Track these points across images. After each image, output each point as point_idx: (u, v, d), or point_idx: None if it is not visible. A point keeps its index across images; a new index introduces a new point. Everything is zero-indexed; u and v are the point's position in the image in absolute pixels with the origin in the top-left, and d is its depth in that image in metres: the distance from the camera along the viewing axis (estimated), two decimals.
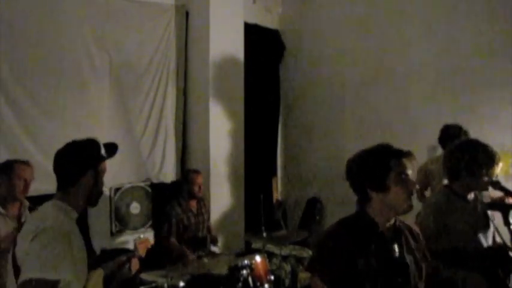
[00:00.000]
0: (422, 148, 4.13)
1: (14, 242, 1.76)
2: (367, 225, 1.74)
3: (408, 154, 1.75)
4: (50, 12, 3.88)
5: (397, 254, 1.73)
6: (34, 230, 1.67)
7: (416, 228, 1.91)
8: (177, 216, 3.93)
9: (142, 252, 2.37)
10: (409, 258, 1.77)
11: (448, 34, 4.25)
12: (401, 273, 1.72)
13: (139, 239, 2.44)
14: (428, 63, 4.41)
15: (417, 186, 1.79)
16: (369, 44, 4.87)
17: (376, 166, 1.71)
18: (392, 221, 1.78)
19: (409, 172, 1.72)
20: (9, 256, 1.75)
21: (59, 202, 1.82)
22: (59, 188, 1.86)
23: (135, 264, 2.21)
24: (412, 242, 1.84)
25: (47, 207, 1.81)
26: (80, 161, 1.87)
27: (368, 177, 1.73)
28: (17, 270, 1.68)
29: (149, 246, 2.51)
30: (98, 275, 1.88)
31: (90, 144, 1.93)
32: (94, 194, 1.90)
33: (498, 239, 2.40)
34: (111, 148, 1.99)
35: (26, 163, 2.99)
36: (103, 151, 1.93)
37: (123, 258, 2.11)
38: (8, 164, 2.95)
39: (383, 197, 1.72)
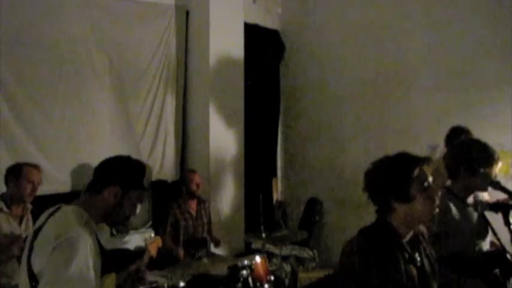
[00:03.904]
0: (422, 148, 4.13)
1: (30, 246, 1.65)
2: (390, 236, 1.71)
3: (427, 160, 1.73)
4: (50, 12, 3.87)
5: (418, 263, 1.73)
6: (54, 240, 1.58)
7: (423, 228, 1.90)
8: (174, 217, 3.93)
9: (154, 252, 2.33)
10: (426, 263, 1.78)
11: (448, 34, 4.25)
12: (422, 281, 1.72)
13: (150, 238, 2.39)
14: (428, 63, 4.41)
15: None
16: (369, 44, 4.86)
17: (399, 176, 1.69)
18: (412, 231, 1.76)
19: (431, 179, 1.70)
20: (24, 258, 1.67)
21: (80, 209, 1.72)
22: (86, 189, 1.79)
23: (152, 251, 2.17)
24: (425, 244, 1.84)
25: (68, 213, 1.70)
26: (113, 172, 1.79)
27: (391, 188, 1.70)
28: (32, 277, 1.59)
29: (159, 245, 2.47)
30: (111, 278, 1.83)
31: (136, 165, 1.84)
32: (114, 214, 1.79)
33: (494, 240, 2.40)
34: (155, 188, 1.89)
35: (35, 167, 3.08)
36: (145, 181, 1.82)
37: (133, 267, 2.07)
38: (18, 166, 3.04)
39: (407, 208, 1.69)
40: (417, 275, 1.71)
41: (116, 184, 1.76)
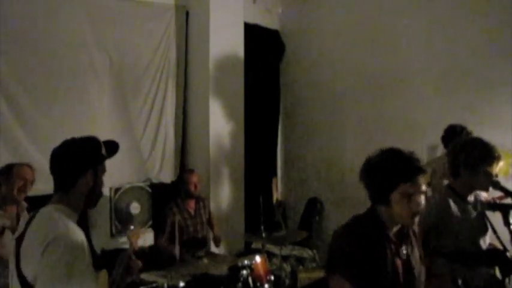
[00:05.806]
0: (422, 148, 4.13)
1: (16, 254, 1.62)
2: (377, 226, 1.78)
3: (422, 172, 1.72)
4: (50, 12, 3.88)
5: (404, 256, 1.78)
6: (42, 242, 1.54)
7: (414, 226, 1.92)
8: (173, 217, 3.92)
9: (135, 244, 2.31)
10: (414, 258, 1.82)
11: (447, 34, 4.25)
12: (407, 274, 1.77)
13: (130, 231, 2.37)
14: (428, 64, 4.40)
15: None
16: (369, 44, 4.86)
17: (384, 182, 1.73)
18: (399, 225, 1.81)
19: (420, 191, 1.71)
20: (12, 266, 1.64)
21: (59, 206, 1.69)
22: (56, 189, 1.74)
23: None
24: (414, 240, 1.88)
25: (49, 213, 1.67)
26: (78, 161, 1.74)
27: (374, 189, 1.78)
28: (25, 284, 1.56)
29: (139, 236, 2.45)
30: (103, 275, 1.82)
31: (90, 143, 1.80)
32: (93, 196, 1.79)
33: (492, 242, 2.40)
34: (112, 146, 1.87)
35: (27, 165, 3.07)
36: (103, 150, 1.81)
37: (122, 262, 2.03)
38: (9, 166, 3.04)
39: (386, 209, 1.75)
40: (402, 267, 1.76)
41: (86, 170, 1.74)
